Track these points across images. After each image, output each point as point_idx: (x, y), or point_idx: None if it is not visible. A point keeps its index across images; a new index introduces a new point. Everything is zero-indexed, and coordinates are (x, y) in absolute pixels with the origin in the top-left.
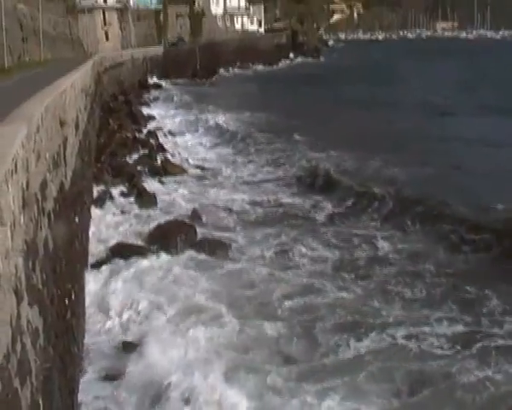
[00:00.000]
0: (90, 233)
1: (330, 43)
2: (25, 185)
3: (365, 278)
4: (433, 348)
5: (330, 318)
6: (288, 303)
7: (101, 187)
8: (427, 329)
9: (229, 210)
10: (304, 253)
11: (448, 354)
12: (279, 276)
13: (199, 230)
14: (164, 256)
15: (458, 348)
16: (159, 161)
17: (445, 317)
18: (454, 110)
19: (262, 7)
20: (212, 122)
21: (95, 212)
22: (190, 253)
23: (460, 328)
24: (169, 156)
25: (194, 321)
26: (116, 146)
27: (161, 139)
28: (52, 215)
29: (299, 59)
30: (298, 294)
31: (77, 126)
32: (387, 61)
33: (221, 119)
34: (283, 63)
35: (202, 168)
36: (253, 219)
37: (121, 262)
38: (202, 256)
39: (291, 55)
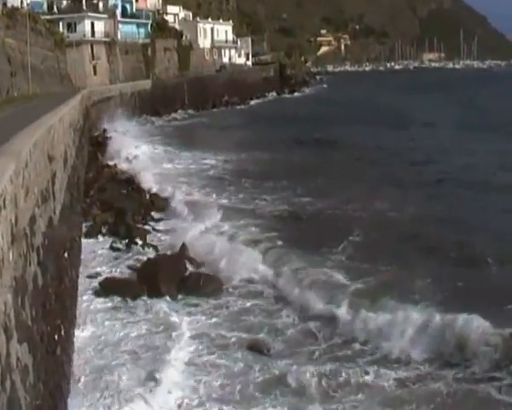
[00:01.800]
0: (80, 268)
1: (318, 77)
2: (13, 221)
3: None
4: None
5: None
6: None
7: (91, 221)
8: None
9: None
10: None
11: None
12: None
13: (188, 264)
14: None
15: None
16: (147, 196)
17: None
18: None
19: (249, 40)
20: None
21: (84, 246)
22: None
23: None
24: (156, 190)
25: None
26: (105, 181)
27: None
28: (41, 250)
29: (286, 94)
30: None
31: (65, 161)
32: (373, 95)
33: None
34: (270, 97)
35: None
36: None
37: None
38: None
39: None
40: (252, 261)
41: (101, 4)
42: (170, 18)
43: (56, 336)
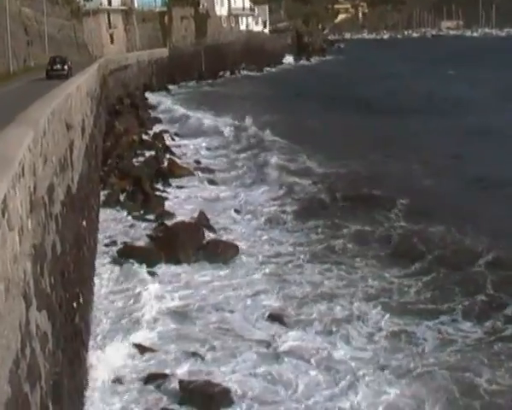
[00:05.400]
0: (98, 236)
1: (336, 44)
2: (32, 189)
3: None
4: None
5: None
6: None
7: (108, 190)
8: None
9: (238, 211)
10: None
11: None
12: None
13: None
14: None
15: None
16: (165, 163)
17: None
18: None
19: (267, 7)
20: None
21: (102, 214)
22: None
23: None
24: (175, 158)
25: None
26: (122, 149)
27: (168, 141)
28: (60, 219)
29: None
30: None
31: (83, 130)
32: (390, 67)
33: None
34: (287, 64)
35: (209, 170)
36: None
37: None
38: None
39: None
40: None
41: None
42: None
43: (75, 304)
